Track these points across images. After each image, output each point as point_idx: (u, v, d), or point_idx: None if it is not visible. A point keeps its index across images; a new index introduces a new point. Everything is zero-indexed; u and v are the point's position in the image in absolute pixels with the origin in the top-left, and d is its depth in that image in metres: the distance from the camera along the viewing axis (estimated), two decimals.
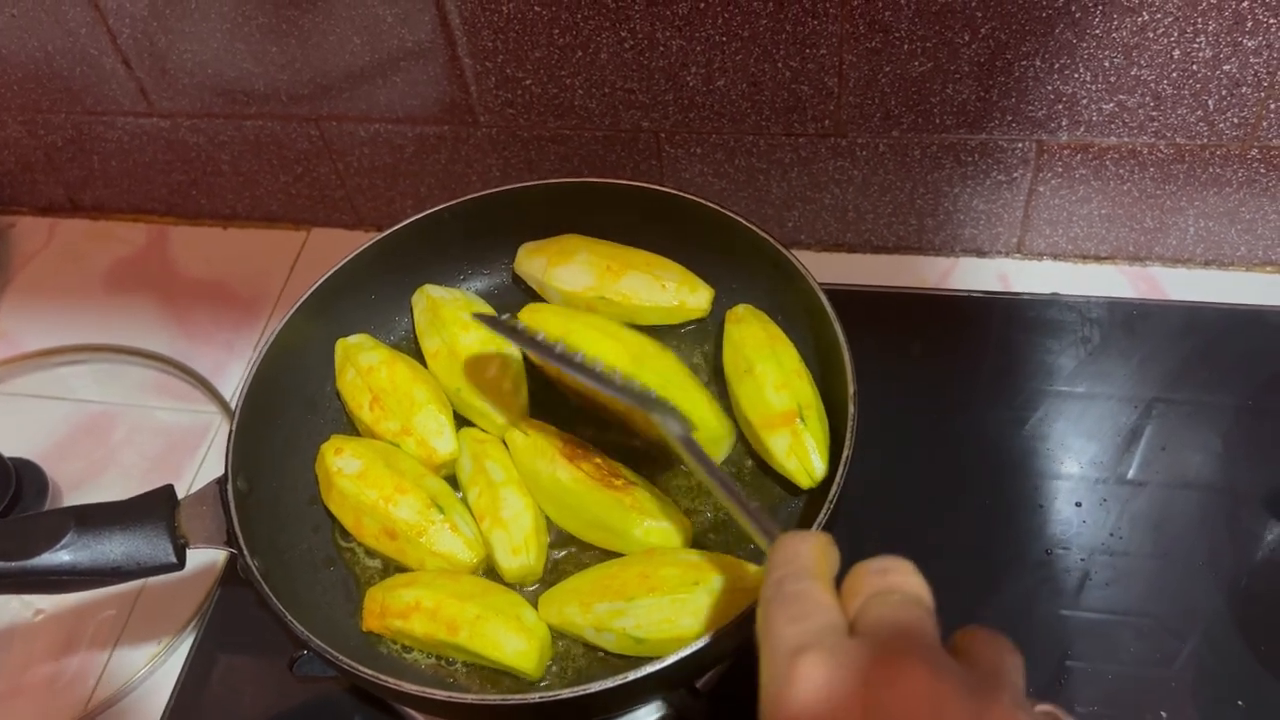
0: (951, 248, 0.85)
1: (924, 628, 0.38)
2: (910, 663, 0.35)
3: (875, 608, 0.38)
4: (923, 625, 0.38)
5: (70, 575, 0.56)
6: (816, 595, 0.40)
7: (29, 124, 0.93)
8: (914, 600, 0.39)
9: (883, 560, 0.40)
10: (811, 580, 0.40)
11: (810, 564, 0.41)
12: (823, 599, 0.40)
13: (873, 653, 0.36)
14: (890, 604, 0.38)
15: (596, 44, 0.75)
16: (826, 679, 0.35)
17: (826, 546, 0.42)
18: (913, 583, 0.40)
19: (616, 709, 0.59)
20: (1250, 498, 0.69)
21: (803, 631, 0.38)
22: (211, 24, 0.81)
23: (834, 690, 0.35)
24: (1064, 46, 0.69)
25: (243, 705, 0.69)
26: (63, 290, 0.95)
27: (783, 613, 0.39)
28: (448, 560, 0.63)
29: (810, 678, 0.35)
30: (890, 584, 0.39)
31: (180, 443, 0.83)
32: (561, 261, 0.73)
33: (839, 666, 0.36)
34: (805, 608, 0.39)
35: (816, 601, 0.39)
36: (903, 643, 0.36)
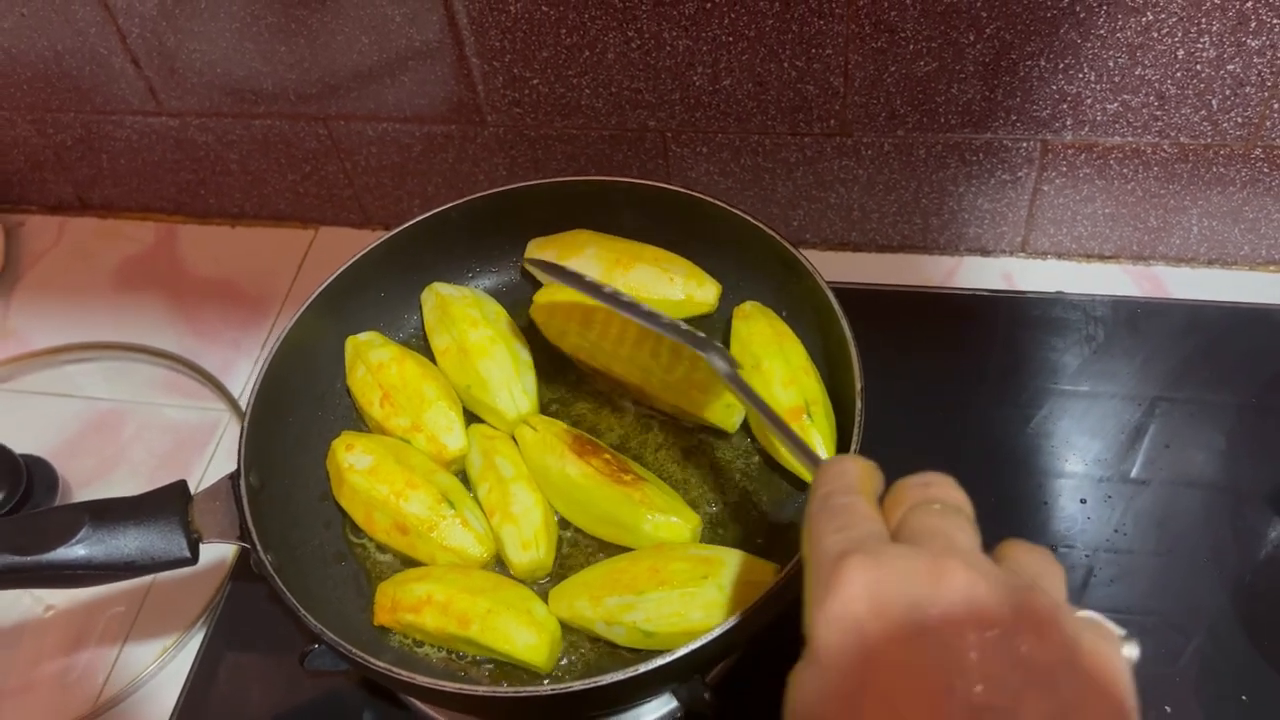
0: (956, 247, 0.86)
1: (964, 534, 0.38)
2: (951, 563, 0.35)
3: (917, 516, 0.39)
4: (963, 531, 0.38)
5: (85, 569, 0.57)
6: (860, 507, 0.40)
7: (38, 123, 0.94)
8: (954, 509, 0.40)
9: (924, 475, 0.42)
10: (856, 495, 0.41)
11: (855, 480, 0.42)
12: (867, 510, 0.40)
13: (914, 555, 0.36)
14: (932, 512, 0.39)
15: (603, 44, 0.76)
16: (870, 580, 0.36)
17: (871, 468, 0.43)
18: (954, 494, 0.41)
19: (626, 701, 0.60)
20: (1254, 495, 0.69)
21: (846, 538, 0.38)
22: (220, 23, 0.81)
23: (877, 590, 0.35)
24: (1068, 46, 0.70)
25: (252, 701, 0.69)
26: (72, 288, 0.95)
27: (828, 523, 0.40)
28: (458, 555, 0.63)
29: (854, 580, 0.36)
30: (931, 495, 0.40)
31: (189, 440, 0.83)
32: (570, 255, 0.73)
33: (882, 567, 0.36)
34: (850, 518, 0.40)
35: (860, 512, 0.40)
36: (943, 545, 0.37)
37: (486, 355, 0.70)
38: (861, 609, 0.35)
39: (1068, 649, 0.34)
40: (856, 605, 0.35)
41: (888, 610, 0.35)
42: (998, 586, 0.35)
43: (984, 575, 0.35)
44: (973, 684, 0.33)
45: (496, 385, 0.69)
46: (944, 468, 0.72)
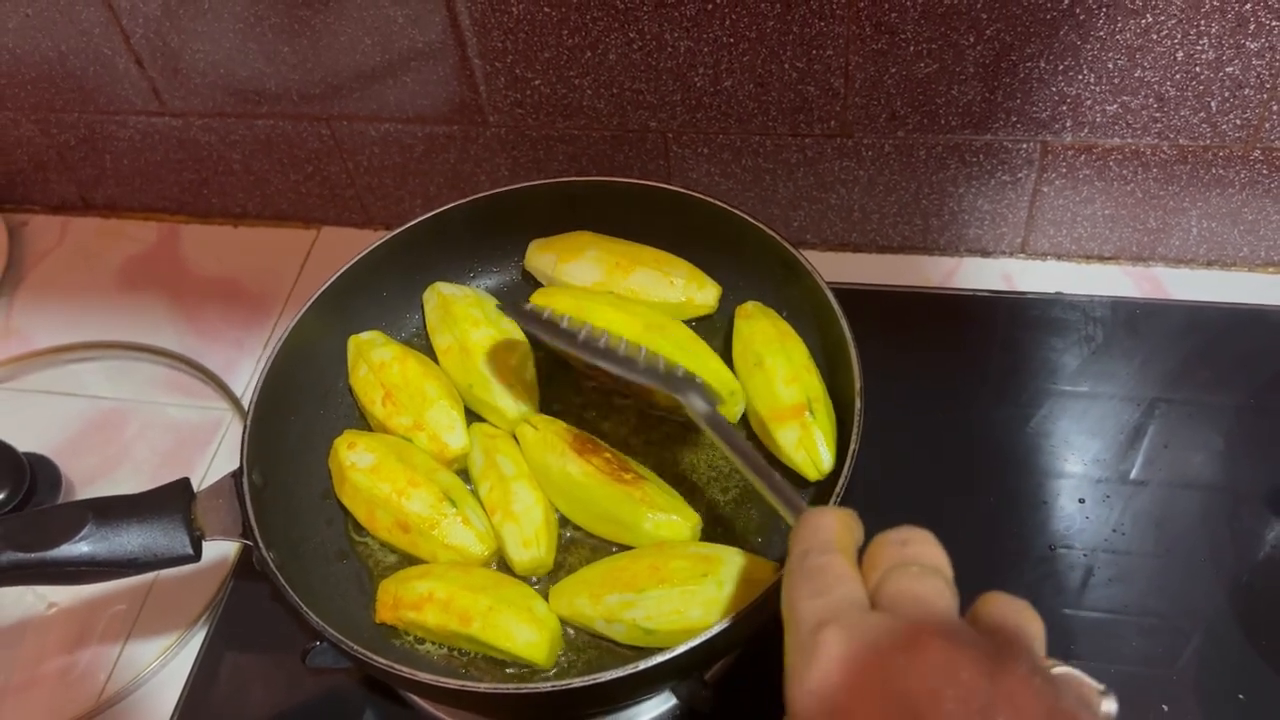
0: (956, 248, 0.86)
1: (942, 599, 0.38)
2: (927, 634, 0.36)
3: (894, 580, 0.39)
4: (940, 596, 0.39)
5: (89, 566, 0.57)
6: (838, 568, 0.41)
7: (42, 123, 0.94)
8: (932, 571, 0.40)
9: (903, 531, 0.41)
10: (834, 554, 0.41)
11: (832, 537, 0.42)
12: (844, 572, 0.41)
13: (891, 626, 0.37)
14: (909, 575, 0.39)
15: (605, 45, 0.76)
16: (846, 653, 0.36)
17: (849, 520, 0.43)
18: (932, 553, 0.41)
19: (626, 699, 0.60)
20: (1251, 496, 0.69)
21: (824, 605, 0.38)
22: (224, 24, 0.81)
23: (853, 664, 0.36)
24: (1068, 48, 0.70)
25: (253, 699, 0.69)
26: (75, 288, 0.96)
27: (806, 586, 0.40)
28: (460, 553, 0.63)
29: (831, 654, 0.36)
30: (909, 555, 0.40)
31: (191, 439, 0.84)
32: (571, 257, 0.74)
33: (858, 640, 0.36)
34: (827, 581, 0.40)
35: (837, 575, 0.40)
36: (920, 614, 0.37)
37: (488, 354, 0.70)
38: (838, 681, 0.36)
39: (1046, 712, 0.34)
40: (833, 678, 0.36)
41: (864, 684, 0.35)
42: (974, 658, 0.35)
43: (960, 647, 0.35)
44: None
45: (498, 384, 0.69)
46: (944, 467, 0.73)
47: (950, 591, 0.39)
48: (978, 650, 0.36)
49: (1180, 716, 0.61)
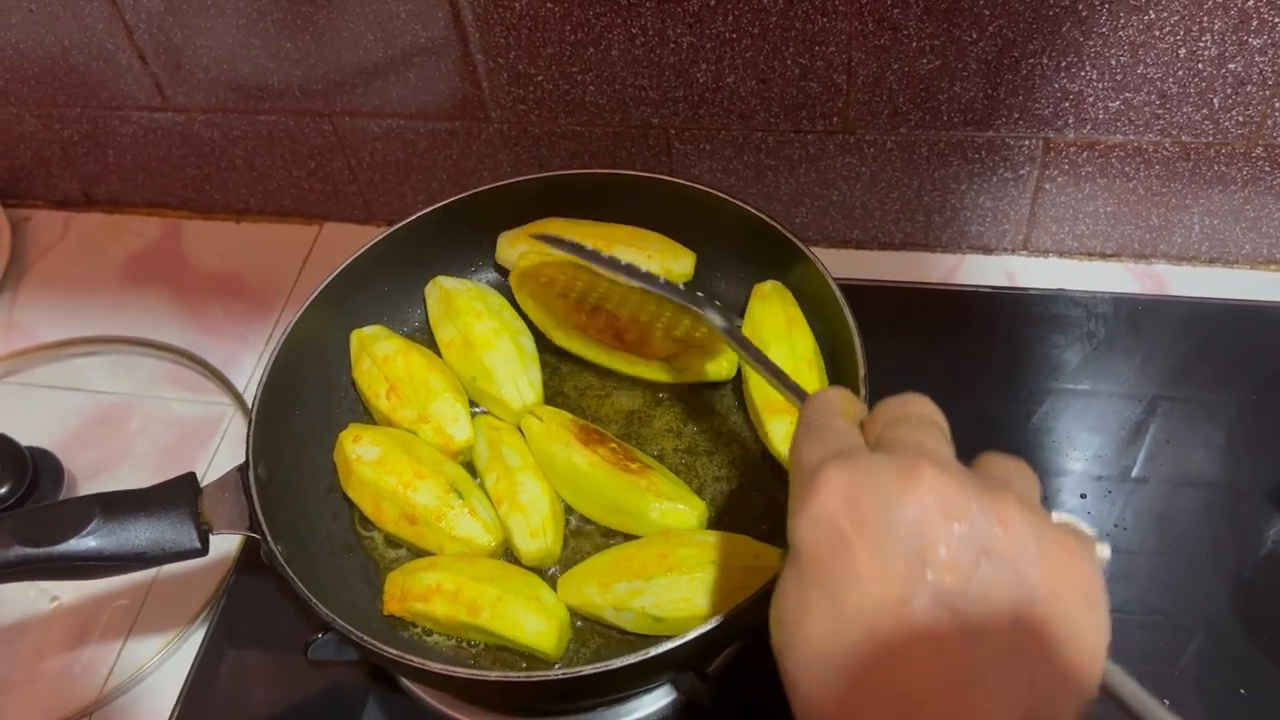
0: (958, 244, 0.86)
1: (938, 442, 0.40)
2: (921, 464, 0.37)
3: (893, 430, 0.41)
4: (937, 441, 0.40)
5: (96, 561, 0.57)
6: (839, 426, 0.42)
7: (45, 118, 0.94)
8: (930, 423, 0.41)
9: (902, 395, 0.43)
10: (836, 417, 0.43)
11: (836, 406, 0.44)
12: (845, 428, 0.42)
13: (887, 459, 0.38)
14: (908, 425, 0.41)
15: (608, 40, 0.76)
16: (845, 481, 0.37)
17: (851, 396, 0.45)
18: (930, 411, 0.42)
19: (634, 686, 0.60)
20: (1253, 492, 0.70)
21: (825, 450, 0.40)
22: (227, 20, 0.81)
23: (852, 491, 0.37)
24: (1071, 45, 0.70)
25: (255, 693, 0.70)
26: (78, 283, 0.96)
27: (810, 439, 0.41)
28: (467, 544, 0.63)
29: (831, 482, 0.37)
30: (908, 411, 0.42)
31: (194, 433, 0.84)
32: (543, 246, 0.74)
33: (857, 471, 0.37)
34: (828, 435, 0.41)
35: (838, 430, 0.42)
36: (917, 450, 0.38)
37: (491, 347, 0.70)
38: (837, 507, 0.37)
39: (1036, 540, 0.36)
40: (832, 504, 0.37)
41: (861, 508, 0.36)
42: (966, 484, 0.36)
43: (953, 475, 0.37)
44: (941, 573, 0.35)
45: (502, 377, 0.69)
46: None
47: (946, 440, 0.40)
48: (970, 482, 0.37)
49: (1182, 711, 0.61)
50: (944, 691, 0.34)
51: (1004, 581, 0.35)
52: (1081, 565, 0.37)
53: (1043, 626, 0.35)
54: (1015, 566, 0.35)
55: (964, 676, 0.34)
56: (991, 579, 0.35)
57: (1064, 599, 0.36)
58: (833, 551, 0.36)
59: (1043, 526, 0.36)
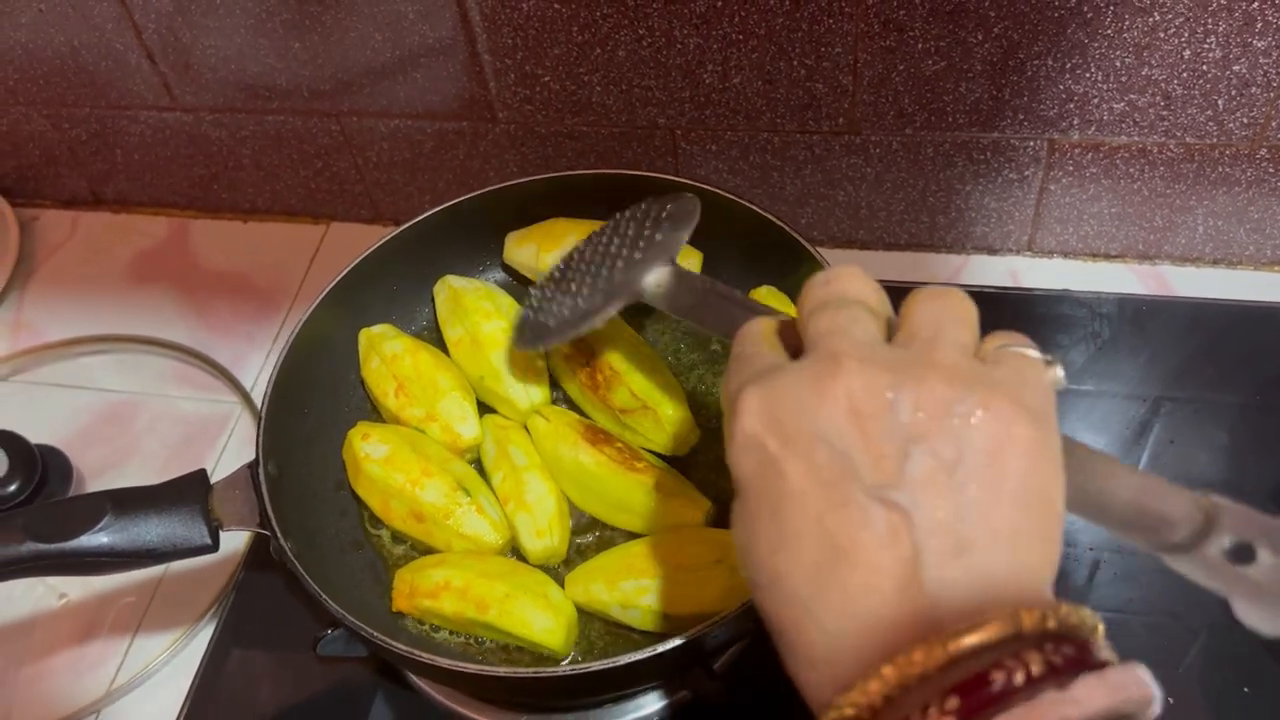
0: (963, 245, 0.86)
1: (858, 324, 0.38)
2: (834, 363, 0.35)
3: (814, 320, 0.39)
4: (859, 323, 0.38)
5: (108, 557, 0.57)
6: (761, 351, 0.41)
7: (53, 118, 0.95)
8: (852, 302, 0.39)
9: (827, 271, 0.40)
10: (760, 343, 0.41)
11: (758, 332, 0.42)
12: (764, 350, 0.40)
13: (801, 367, 0.37)
14: (828, 311, 0.38)
15: (615, 41, 0.77)
16: (761, 402, 0.36)
17: (776, 322, 0.43)
18: (854, 286, 0.39)
19: (641, 683, 0.61)
20: (1257, 492, 0.70)
21: (744, 377, 0.38)
22: (235, 19, 0.82)
23: (770, 409, 0.36)
24: (1076, 46, 0.70)
25: (262, 690, 0.70)
26: (85, 282, 0.96)
27: (734, 370, 0.40)
28: (474, 542, 0.64)
29: (749, 407, 0.36)
30: (831, 293, 0.39)
31: (201, 432, 0.84)
32: (552, 246, 0.74)
33: (772, 388, 0.36)
34: (750, 361, 0.40)
35: (758, 353, 0.40)
36: (833, 345, 0.37)
37: (499, 347, 0.70)
38: (759, 429, 0.36)
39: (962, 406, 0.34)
40: (754, 427, 0.36)
41: (781, 424, 0.35)
42: (882, 372, 0.35)
43: (868, 366, 0.35)
44: (868, 470, 0.34)
45: (509, 376, 0.70)
46: None
47: (870, 318, 0.38)
48: (885, 363, 0.35)
49: (1186, 710, 0.62)
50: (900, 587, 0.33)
51: (934, 463, 0.34)
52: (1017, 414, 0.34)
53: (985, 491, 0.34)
54: (945, 444, 0.34)
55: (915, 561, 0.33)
56: (922, 463, 0.34)
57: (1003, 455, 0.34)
58: (764, 473, 0.36)
59: (970, 388, 0.34)
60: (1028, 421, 0.35)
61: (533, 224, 0.76)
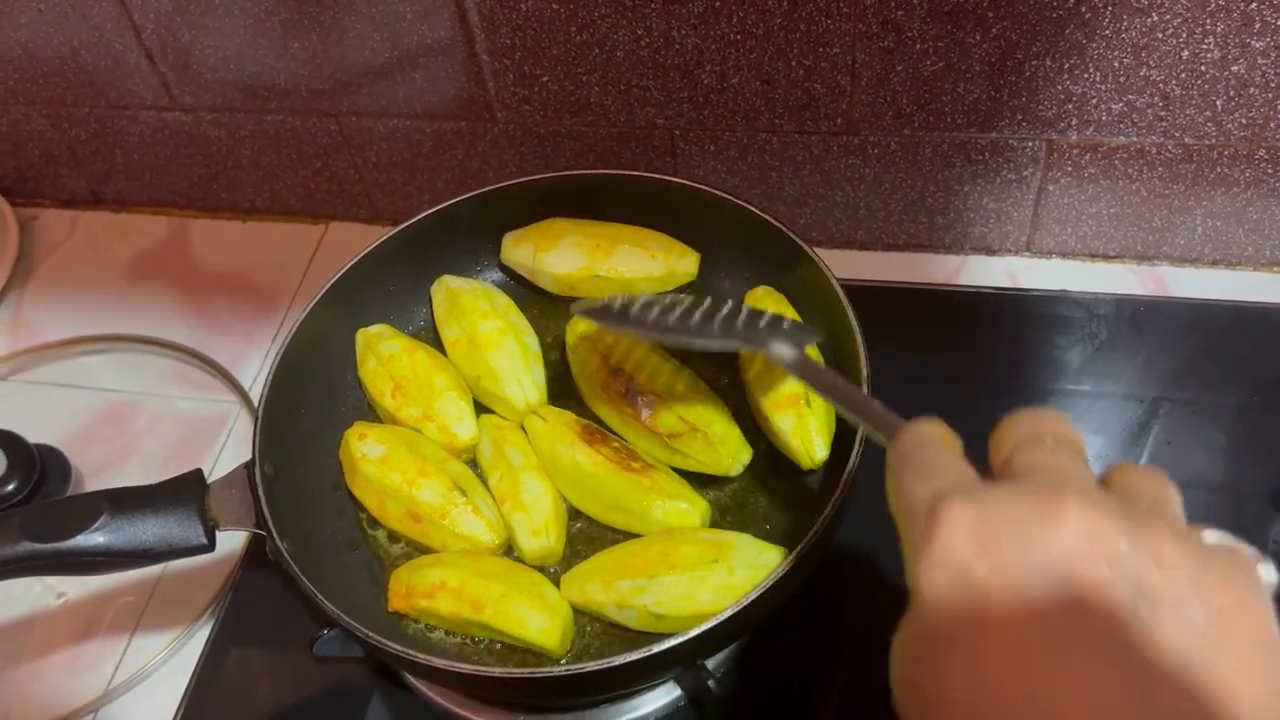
0: (961, 246, 0.86)
1: (1078, 469, 0.36)
2: (1062, 497, 0.33)
3: (1025, 453, 0.37)
4: (1076, 465, 0.36)
5: (104, 557, 0.57)
6: (946, 458, 0.38)
7: (53, 118, 0.95)
8: (1067, 443, 0.37)
9: (1034, 410, 0.39)
10: (938, 449, 0.39)
11: (935, 436, 0.40)
12: (953, 461, 0.38)
13: (1020, 491, 0.34)
14: (1043, 448, 0.36)
15: (613, 42, 0.77)
16: (972, 519, 0.33)
17: (949, 429, 0.41)
18: (1066, 429, 0.38)
19: (637, 684, 0.61)
20: (1255, 494, 0.70)
21: (937, 484, 0.36)
22: (234, 19, 0.82)
23: (982, 530, 0.33)
24: (1074, 47, 0.70)
25: (260, 690, 0.70)
26: (85, 281, 0.96)
27: (913, 474, 0.37)
28: (470, 542, 0.64)
29: (955, 521, 0.33)
30: (1043, 430, 0.37)
31: (200, 431, 0.84)
32: (550, 246, 0.74)
33: (984, 506, 0.34)
34: (935, 468, 0.37)
35: (946, 463, 0.38)
36: (1053, 479, 0.34)
37: (496, 347, 0.70)
38: (967, 550, 0.33)
39: (1194, 579, 0.32)
40: (961, 547, 0.33)
41: (996, 549, 0.33)
42: (1114, 518, 0.32)
43: (1098, 507, 0.33)
44: (1097, 620, 0.31)
45: (506, 376, 0.70)
46: None
47: (1085, 464, 0.36)
48: (1118, 512, 0.33)
49: None
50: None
51: (1165, 629, 0.31)
52: (1249, 603, 0.32)
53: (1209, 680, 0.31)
54: (1176, 612, 0.31)
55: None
56: (1151, 626, 0.31)
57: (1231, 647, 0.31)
58: (965, 601, 0.32)
59: (1201, 561, 0.32)
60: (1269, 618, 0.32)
61: (531, 223, 0.77)
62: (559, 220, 0.75)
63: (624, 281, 0.73)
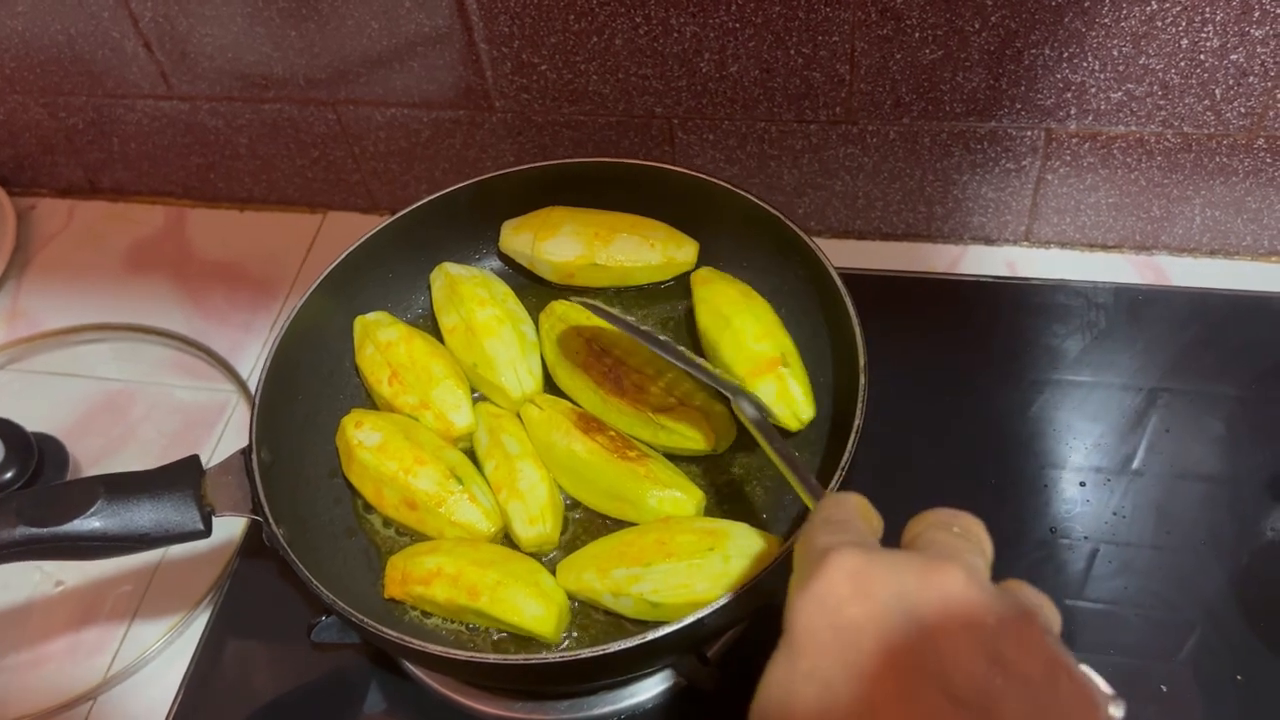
0: (960, 235, 0.86)
1: (974, 557, 0.37)
2: (947, 565, 0.35)
3: (931, 532, 0.39)
4: (973, 554, 0.37)
5: (101, 542, 0.57)
6: (857, 523, 0.40)
7: (50, 106, 0.95)
8: (974, 537, 0.39)
9: (954, 510, 0.41)
10: (856, 517, 0.41)
11: (854, 508, 0.42)
12: (861, 525, 0.40)
13: (909, 554, 0.36)
14: (949, 533, 0.38)
15: (611, 30, 0.76)
16: (857, 566, 0.35)
17: (869, 505, 0.43)
18: (978, 530, 0.40)
19: (632, 671, 0.61)
20: (1252, 482, 0.70)
21: (838, 538, 0.38)
22: (232, 8, 0.82)
23: (864, 577, 0.35)
24: (1073, 35, 0.70)
25: (258, 677, 0.70)
26: (82, 270, 0.96)
27: (822, 532, 0.39)
28: (466, 530, 0.64)
29: (841, 565, 0.35)
30: (958, 522, 0.40)
31: (198, 420, 0.84)
32: (548, 234, 0.74)
33: (872, 558, 0.35)
34: (845, 529, 0.39)
35: (856, 525, 0.40)
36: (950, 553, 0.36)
37: (493, 335, 0.70)
38: (845, 591, 0.34)
39: (1052, 665, 0.34)
40: (840, 588, 0.35)
41: (872, 595, 0.34)
42: (989, 594, 0.35)
43: (977, 586, 0.35)
44: (952, 678, 0.32)
45: (502, 364, 0.70)
46: (946, 451, 0.73)
47: (984, 560, 0.38)
48: (993, 593, 0.35)
49: (1179, 697, 0.62)
50: None
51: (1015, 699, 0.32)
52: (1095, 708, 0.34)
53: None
54: (1029, 688, 0.33)
55: None
56: (1003, 694, 0.32)
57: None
58: (835, 640, 0.34)
59: (1061, 662, 0.34)
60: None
61: (529, 211, 0.76)
62: (557, 209, 0.75)
63: (622, 270, 0.73)
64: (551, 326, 0.71)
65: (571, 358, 0.69)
